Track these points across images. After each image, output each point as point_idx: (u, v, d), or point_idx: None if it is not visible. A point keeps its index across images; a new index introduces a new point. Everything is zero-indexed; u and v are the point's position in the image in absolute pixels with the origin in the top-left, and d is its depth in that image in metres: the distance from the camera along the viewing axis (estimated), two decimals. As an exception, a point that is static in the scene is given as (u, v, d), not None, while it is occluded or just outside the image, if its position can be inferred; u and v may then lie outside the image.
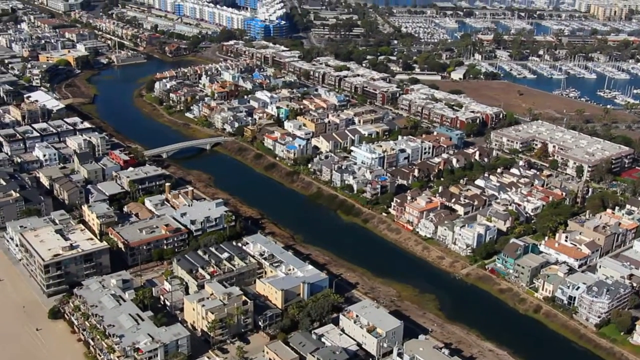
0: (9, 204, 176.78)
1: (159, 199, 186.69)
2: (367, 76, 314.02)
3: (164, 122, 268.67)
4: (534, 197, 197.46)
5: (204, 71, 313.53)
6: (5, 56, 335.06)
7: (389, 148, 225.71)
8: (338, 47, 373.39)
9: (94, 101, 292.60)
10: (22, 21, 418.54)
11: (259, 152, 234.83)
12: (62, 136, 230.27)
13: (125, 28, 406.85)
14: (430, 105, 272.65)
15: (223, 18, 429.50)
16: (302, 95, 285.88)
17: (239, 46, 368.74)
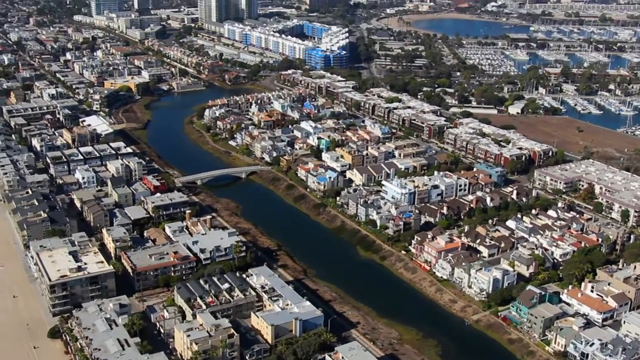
0: (36, 223, 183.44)
1: (179, 225, 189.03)
2: (418, 108, 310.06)
3: (208, 149, 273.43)
4: (565, 241, 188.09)
5: (254, 100, 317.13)
6: (74, 82, 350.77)
7: (422, 183, 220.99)
8: (395, 78, 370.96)
9: (146, 126, 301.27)
10: (98, 49, 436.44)
11: (291, 183, 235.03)
12: (104, 160, 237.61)
13: (191, 56, 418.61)
14: (475, 140, 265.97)
15: (286, 47, 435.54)
16: (347, 126, 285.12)
17: (296, 75, 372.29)
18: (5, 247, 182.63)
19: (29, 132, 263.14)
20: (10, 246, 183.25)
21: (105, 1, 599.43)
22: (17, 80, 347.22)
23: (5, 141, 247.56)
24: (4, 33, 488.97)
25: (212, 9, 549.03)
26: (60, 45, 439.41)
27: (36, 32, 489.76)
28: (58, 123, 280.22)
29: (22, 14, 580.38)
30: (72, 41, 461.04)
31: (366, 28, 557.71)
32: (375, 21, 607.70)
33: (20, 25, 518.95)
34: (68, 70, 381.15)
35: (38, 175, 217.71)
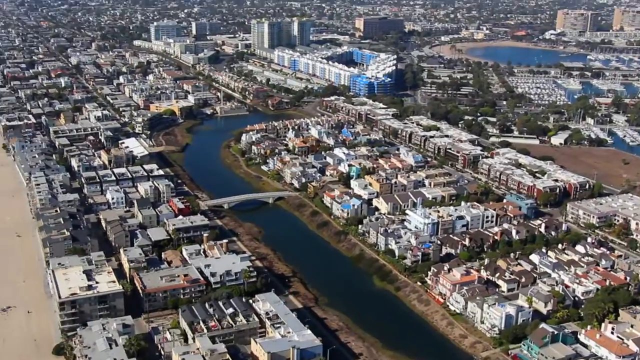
0: (58, 241, 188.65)
1: (195, 248, 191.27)
2: (455, 137, 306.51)
3: (240, 173, 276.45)
4: (588, 278, 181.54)
5: (292, 125, 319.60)
6: (122, 104, 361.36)
7: (446, 214, 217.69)
8: (438, 106, 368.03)
9: (184, 150, 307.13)
10: (150, 73, 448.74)
11: (316, 209, 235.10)
12: (136, 181, 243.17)
13: (238, 81, 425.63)
14: (509, 171, 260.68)
15: (332, 74, 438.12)
16: (380, 153, 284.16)
17: (338, 102, 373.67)
18: (29, 263, 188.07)
19: (69, 152, 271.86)
20: (34, 262, 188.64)
21: (164, 27, 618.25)
22: (69, 102, 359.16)
23: (45, 160, 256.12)
24: (66, 57, 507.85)
25: (264, 35, 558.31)
26: (116, 69, 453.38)
27: (96, 57, 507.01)
28: (99, 144, 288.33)
29: (86, 39, 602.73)
30: (127, 65, 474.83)
31: (417, 55, 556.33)
32: (428, 49, 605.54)
33: (83, 50, 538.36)
34: (119, 93, 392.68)
35: (69, 195, 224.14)
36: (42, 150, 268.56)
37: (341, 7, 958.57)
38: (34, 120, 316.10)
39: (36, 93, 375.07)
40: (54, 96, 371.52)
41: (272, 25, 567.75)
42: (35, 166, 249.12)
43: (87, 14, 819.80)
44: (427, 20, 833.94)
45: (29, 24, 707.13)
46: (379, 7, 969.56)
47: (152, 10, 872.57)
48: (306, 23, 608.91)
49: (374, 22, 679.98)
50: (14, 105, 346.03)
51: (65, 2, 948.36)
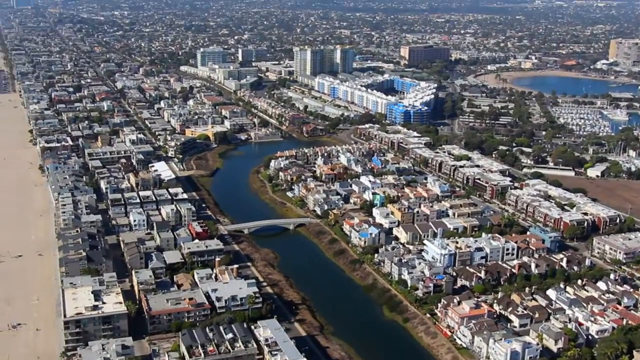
0: (74, 261, 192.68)
1: (207, 272, 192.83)
2: (486, 167, 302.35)
3: (265, 199, 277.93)
4: (605, 317, 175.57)
5: (322, 152, 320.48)
6: (158, 129, 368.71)
7: (464, 245, 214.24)
8: (473, 136, 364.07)
9: (213, 174, 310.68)
10: (191, 98, 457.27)
11: (335, 237, 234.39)
12: (160, 204, 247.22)
13: (275, 107, 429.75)
14: (536, 203, 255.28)
15: (369, 102, 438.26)
16: (407, 182, 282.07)
17: (372, 130, 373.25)
18: (46, 281, 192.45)
19: (100, 174, 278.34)
20: (50, 281, 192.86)
21: (210, 53, 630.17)
22: (108, 126, 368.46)
23: (74, 182, 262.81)
24: (113, 81, 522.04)
25: (307, 62, 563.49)
26: (158, 94, 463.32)
27: (141, 81, 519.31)
28: (131, 167, 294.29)
29: (134, 64, 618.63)
30: (170, 90, 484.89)
31: (460, 84, 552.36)
32: (472, 77, 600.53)
33: (130, 75, 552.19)
34: (157, 117, 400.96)
35: (93, 216, 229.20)
36: (73, 171, 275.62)
37: (390, 36, 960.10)
38: (71, 142, 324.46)
39: (78, 116, 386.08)
40: (95, 119, 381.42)
41: (314, 53, 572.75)
42: (65, 187, 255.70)
43: (139, 39, 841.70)
44: (476, 49, 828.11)
45: (83, 49, 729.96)
46: (428, 35, 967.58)
47: (203, 36, 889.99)
48: (349, 51, 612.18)
49: (419, 51, 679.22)
50: (55, 127, 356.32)
51: (120, 28, 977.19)
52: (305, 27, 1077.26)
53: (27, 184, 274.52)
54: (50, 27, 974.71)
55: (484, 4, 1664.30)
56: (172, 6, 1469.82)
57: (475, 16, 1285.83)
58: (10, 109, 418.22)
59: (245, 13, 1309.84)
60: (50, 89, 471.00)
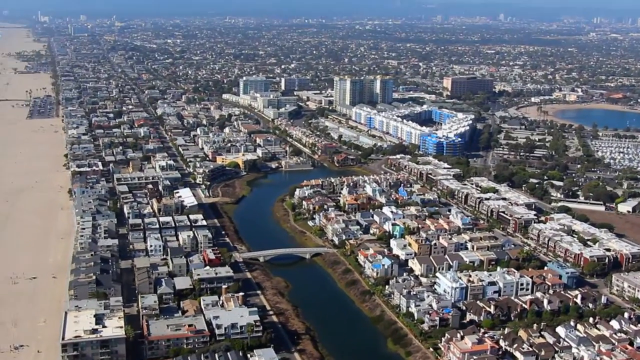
0: (83, 285, 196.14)
1: (212, 299, 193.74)
2: (512, 200, 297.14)
3: (286, 227, 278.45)
4: (612, 357, 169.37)
5: (348, 182, 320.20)
6: (190, 155, 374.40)
7: (477, 279, 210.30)
8: (504, 168, 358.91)
9: (238, 202, 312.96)
10: (228, 125, 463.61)
11: (349, 267, 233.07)
12: (179, 230, 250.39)
13: (309, 136, 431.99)
14: (558, 238, 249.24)
15: (404, 132, 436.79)
16: (430, 214, 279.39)
17: (403, 160, 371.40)
18: (55, 304, 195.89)
19: (124, 199, 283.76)
20: (60, 304, 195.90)
21: (252, 82, 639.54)
22: (142, 152, 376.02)
23: (97, 206, 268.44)
24: (154, 108, 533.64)
25: (346, 92, 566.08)
26: (196, 121, 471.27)
27: (182, 108, 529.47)
28: (157, 193, 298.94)
29: (177, 91, 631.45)
30: (208, 118, 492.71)
31: (500, 116, 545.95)
32: (514, 110, 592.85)
33: (172, 102, 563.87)
34: (191, 144, 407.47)
35: (110, 240, 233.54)
36: (98, 195, 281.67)
37: (437, 67, 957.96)
38: (101, 167, 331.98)
39: (113, 141, 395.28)
40: (130, 145, 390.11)
41: (354, 83, 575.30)
42: (87, 211, 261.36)
43: (187, 67, 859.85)
44: (523, 80, 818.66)
45: (130, 76, 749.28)
46: (476, 66, 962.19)
47: (250, 65, 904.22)
48: (388, 81, 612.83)
49: (461, 82, 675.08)
50: (89, 152, 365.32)
51: (170, 56, 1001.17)
52: (353, 57, 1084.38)
53: (54, 208, 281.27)
54: (103, 54, 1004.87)
55: (537, 35, 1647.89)
56: (224, 35, 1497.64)
57: (527, 48, 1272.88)
58: (50, 134, 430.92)
59: (296, 42, 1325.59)
60: (91, 114, 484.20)
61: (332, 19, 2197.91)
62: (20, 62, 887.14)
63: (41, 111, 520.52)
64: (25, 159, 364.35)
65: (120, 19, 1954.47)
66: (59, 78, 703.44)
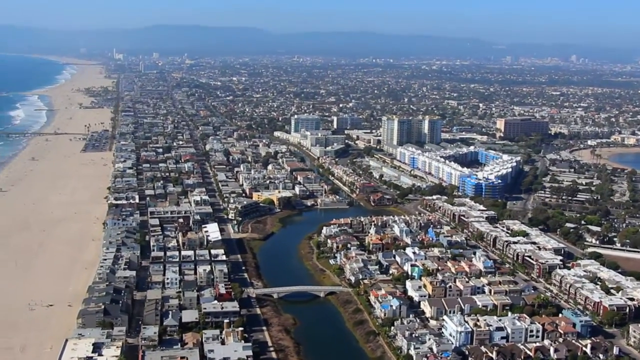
0: (91, 313, 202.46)
1: (213, 333, 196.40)
2: (541, 244, 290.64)
3: (308, 265, 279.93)
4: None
5: (376, 222, 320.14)
6: (228, 191, 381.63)
7: (484, 323, 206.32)
8: (541, 211, 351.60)
9: (266, 238, 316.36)
10: (272, 162, 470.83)
11: (359, 307, 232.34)
12: (198, 264, 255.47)
13: (349, 175, 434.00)
14: (579, 285, 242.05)
15: (444, 173, 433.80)
16: (453, 256, 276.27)
17: (438, 201, 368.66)
18: (65, 331, 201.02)
19: (153, 232, 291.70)
20: (69, 332, 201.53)
21: (304, 120, 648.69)
22: (182, 186, 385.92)
23: (124, 238, 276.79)
24: (205, 144, 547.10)
25: (394, 131, 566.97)
26: (241, 158, 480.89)
27: (231, 145, 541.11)
28: (187, 227, 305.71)
29: (230, 128, 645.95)
30: (255, 154, 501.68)
31: (551, 159, 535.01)
32: (567, 152, 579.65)
33: (222, 138, 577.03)
34: (232, 180, 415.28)
35: (128, 272, 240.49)
36: (127, 228, 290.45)
37: (498, 107, 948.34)
38: (138, 200, 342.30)
39: (156, 176, 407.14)
40: (172, 180, 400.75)
41: (401, 123, 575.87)
42: (114, 242, 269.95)
43: (246, 104, 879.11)
44: (584, 122, 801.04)
45: (188, 112, 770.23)
46: (537, 108, 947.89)
47: (308, 103, 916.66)
48: (437, 121, 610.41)
49: (515, 123, 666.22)
50: (130, 185, 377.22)
51: (232, 93, 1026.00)
52: (414, 96, 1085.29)
53: (86, 238, 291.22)
54: (167, 91, 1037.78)
55: (608, 77, 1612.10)
56: (289, 73, 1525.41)
57: (594, 90, 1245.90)
58: (99, 167, 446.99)
59: (359, 82, 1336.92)
60: (142, 149, 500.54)
61: (399, 59, 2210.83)
62: (88, 98, 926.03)
63: (96, 145, 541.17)
64: (69, 191, 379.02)
65: (191, 56, 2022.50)
66: (119, 113, 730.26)
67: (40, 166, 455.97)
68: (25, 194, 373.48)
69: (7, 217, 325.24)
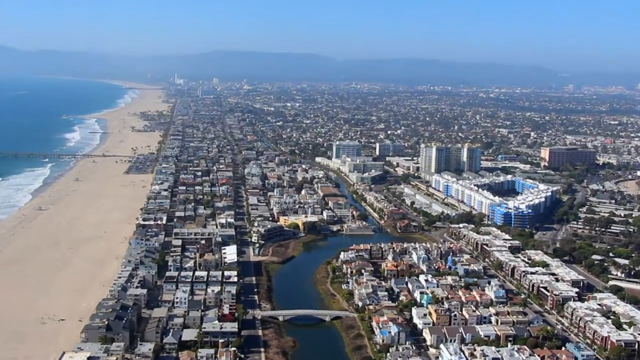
0: (94, 329, 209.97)
1: (208, 352, 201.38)
2: (560, 276, 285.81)
3: (320, 289, 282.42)
4: None
5: (395, 248, 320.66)
6: (256, 215, 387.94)
7: (481, 354, 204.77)
8: (567, 242, 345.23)
9: (285, 262, 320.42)
10: (307, 187, 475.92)
11: (361, 332, 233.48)
12: (209, 285, 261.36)
13: (379, 201, 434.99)
14: (589, 318, 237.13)
15: (475, 201, 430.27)
16: (466, 285, 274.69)
17: (463, 230, 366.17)
18: (70, 345, 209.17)
19: (172, 253, 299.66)
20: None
21: (345, 146, 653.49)
22: (213, 209, 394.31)
23: (143, 257, 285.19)
24: (244, 168, 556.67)
25: (432, 159, 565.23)
26: (277, 182, 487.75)
27: (271, 169, 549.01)
28: (208, 248, 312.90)
29: (272, 153, 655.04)
30: (292, 179, 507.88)
31: (593, 189, 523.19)
32: (612, 183, 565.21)
33: (263, 163, 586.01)
34: (263, 204, 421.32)
35: (139, 290, 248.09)
36: (148, 247, 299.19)
37: (550, 136, 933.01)
38: (165, 221, 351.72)
39: (188, 198, 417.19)
40: (204, 202, 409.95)
41: (439, 150, 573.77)
42: (132, 261, 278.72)
43: (294, 130, 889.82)
44: (638, 153, 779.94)
45: (236, 137, 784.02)
46: (591, 137, 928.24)
47: (357, 130, 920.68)
48: (476, 150, 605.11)
49: (560, 152, 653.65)
50: (162, 207, 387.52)
51: (283, 118, 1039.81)
52: (465, 124, 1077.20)
53: (109, 257, 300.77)
54: (219, 116, 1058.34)
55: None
56: (344, 100, 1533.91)
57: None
58: (138, 188, 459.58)
59: (412, 109, 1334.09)
60: (181, 171, 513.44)
61: (458, 87, 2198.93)
62: (142, 121, 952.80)
63: (139, 167, 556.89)
64: (104, 211, 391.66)
65: (250, 82, 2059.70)
66: (168, 136, 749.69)
67: (82, 186, 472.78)
68: (62, 213, 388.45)
69: (40, 235, 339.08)
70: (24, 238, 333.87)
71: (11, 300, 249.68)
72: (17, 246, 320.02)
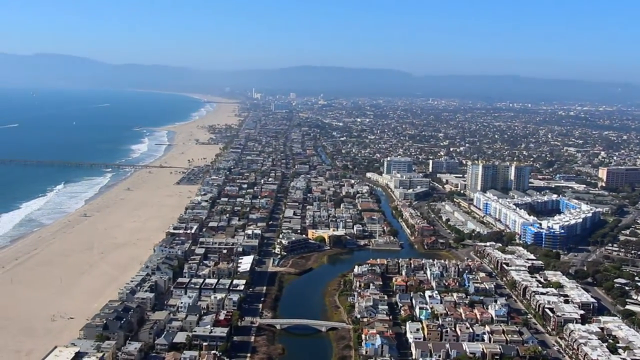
0: (92, 327, 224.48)
1: (192, 354, 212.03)
2: (572, 297, 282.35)
3: (327, 301, 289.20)
4: None
5: (408, 264, 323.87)
6: (287, 227, 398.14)
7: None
8: (593, 265, 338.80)
9: (302, 273, 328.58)
10: (344, 202, 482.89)
11: (349, 344, 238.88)
12: (216, 292, 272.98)
13: (413, 217, 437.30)
14: (583, 340, 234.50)
15: (509, 219, 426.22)
16: (471, 302, 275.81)
17: (488, 248, 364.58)
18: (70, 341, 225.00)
19: (192, 260, 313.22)
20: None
21: (396, 162, 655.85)
22: (247, 220, 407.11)
23: (160, 263, 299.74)
24: (291, 182, 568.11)
25: (478, 177, 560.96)
26: (318, 196, 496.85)
27: (319, 184, 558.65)
28: (228, 258, 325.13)
29: (324, 167, 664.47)
30: (336, 194, 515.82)
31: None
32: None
33: (312, 177, 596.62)
34: (296, 217, 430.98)
35: (147, 294, 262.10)
36: (168, 255, 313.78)
37: (621, 156, 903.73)
38: (194, 230, 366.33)
39: (225, 209, 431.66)
40: (240, 214, 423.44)
41: (486, 168, 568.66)
42: (149, 266, 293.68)
43: (354, 145, 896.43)
44: None
45: (295, 151, 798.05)
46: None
47: (419, 146, 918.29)
48: (524, 168, 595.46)
49: (619, 173, 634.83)
50: (196, 216, 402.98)
51: (349, 134, 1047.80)
52: (534, 142, 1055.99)
53: (134, 262, 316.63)
54: (285, 130, 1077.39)
55: None
56: (416, 116, 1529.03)
57: None
58: (183, 199, 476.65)
59: (484, 126, 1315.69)
60: (228, 183, 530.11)
61: (538, 104, 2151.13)
62: (208, 134, 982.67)
63: (191, 178, 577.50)
64: (143, 219, 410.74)
65: (327, 97, 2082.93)
66: (227, 149, 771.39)
67: (130, 195, 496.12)
68: (103, 219, 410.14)
69: (77, 240, 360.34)
70: (61, 242, 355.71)
71: (32, 298, 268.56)
72: (53, 249, 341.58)
